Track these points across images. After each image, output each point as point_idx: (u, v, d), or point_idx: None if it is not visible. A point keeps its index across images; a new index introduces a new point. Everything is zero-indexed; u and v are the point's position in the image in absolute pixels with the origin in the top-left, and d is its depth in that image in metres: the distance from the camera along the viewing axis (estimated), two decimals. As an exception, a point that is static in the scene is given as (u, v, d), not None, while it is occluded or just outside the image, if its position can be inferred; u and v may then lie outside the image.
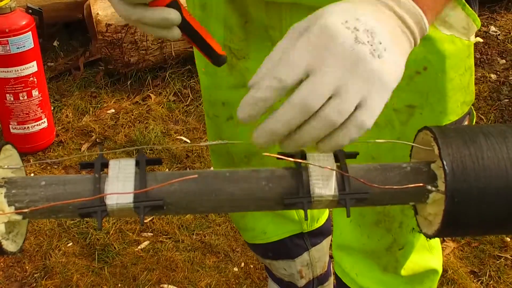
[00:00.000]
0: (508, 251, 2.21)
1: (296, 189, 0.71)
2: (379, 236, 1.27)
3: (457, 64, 1.02)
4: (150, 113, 2.82)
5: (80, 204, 0.69)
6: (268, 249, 1.59)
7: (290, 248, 1.60)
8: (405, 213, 1.20)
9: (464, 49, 1.02)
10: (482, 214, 0.70)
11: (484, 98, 2.98)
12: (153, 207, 0.70)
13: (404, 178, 0.73)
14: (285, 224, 1.53)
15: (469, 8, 0.96)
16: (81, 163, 0.74)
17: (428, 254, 1.36)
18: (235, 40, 1.11)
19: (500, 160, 0.70)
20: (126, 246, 2.18)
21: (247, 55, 1.13)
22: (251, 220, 1.50)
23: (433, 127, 0.73)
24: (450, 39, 0.99)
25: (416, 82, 1.01)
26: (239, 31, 1.10)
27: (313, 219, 1.58)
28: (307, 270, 1.67)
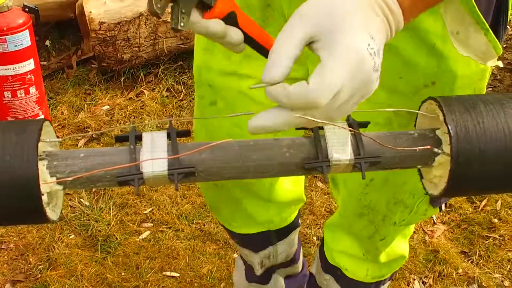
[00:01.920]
0: (496, 232, 2.30)
1: (315, 154, 0.77)
2: (362, 226, 1.34)
3: (468, 86, 1.01)
4: (145, 108, 2.88)
5: (118, 173, 0.75)
6: (233, 236, 1.64)
7: (255, 242, 1.63)
8: (389, 208, 1.25)
9: (477, 72, 1.00)
10: (483, 173, 0.77)
11: (468, 87, 3.07)
12: (186, 174, 0.76)
13: (412, 143, 0.80)
14: (251, 223, 1.55)
15: (491, 35, 0.95)
16: (116, 136, 0.80)
17: (403, 242, 1.45)
18: (252, 15, 1.08)
19: (498, 124, 0.77)
20: (127, 236, 2.23)
21: None
22: (222, 204, 1.53)
23: (437, 97, 0.80)
24: (465, 60, 0.97)
25: (423, 94, 1.00)
26: (258, 11, 1.07)
27: (281, 220, 1.59)
28: (267, 260, 1.70)
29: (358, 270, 1.50)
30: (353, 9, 0.70)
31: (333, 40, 0.68)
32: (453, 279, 2.12)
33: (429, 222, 2.34)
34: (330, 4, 0.70)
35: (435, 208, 1.26)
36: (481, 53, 0.97)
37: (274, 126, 0.71)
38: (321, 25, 0.69)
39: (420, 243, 2.25)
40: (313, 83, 0.67)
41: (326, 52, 0.69)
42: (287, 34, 0.70)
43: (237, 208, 1.49)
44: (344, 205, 1.37)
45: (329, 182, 1.46)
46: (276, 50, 0.70)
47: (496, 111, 0.78)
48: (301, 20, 0.70)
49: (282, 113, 0.71)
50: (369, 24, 0.71)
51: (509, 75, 3.12)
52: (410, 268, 2.15)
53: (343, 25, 0.69)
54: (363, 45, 0.69)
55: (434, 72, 0.99)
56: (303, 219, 2.32)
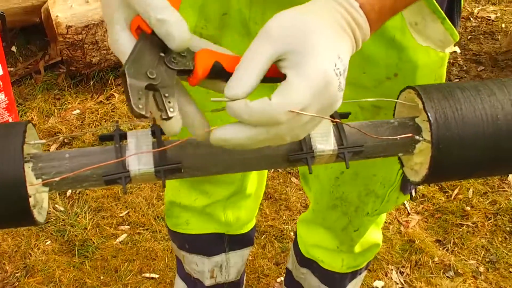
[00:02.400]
0: (469, 219, 2.34)
1: (299, 146, 0.79)
2: (335, 218, 1.36)
3: (428, 74, 1.04)
4: (115, 111, 2.86)
5: (104, 172, 0.76)
6: (186, 240, 1.61)
7: (208, 245, 1.61)
8: (361, 199, 1.28)
9: (437, 60, 1.02)
10: (463, 158, 0.79)
11: (435, 79, 3.11)
12: (172, 170, 0.77)
13: (393, 131, 0.82)
14: (209, 222, 1.55)
15: (448, 23, 0.97)
16: (100, 136, 0.80)
17: (377, 230, 1.49)
18: (209, 28, 1.09)
19: (476, 109, 0.79)
20: (104, 240, 2.22)
21: (218, 41, 1.09)
22: (178, 209, 1.52)
23: (415, 86, 0.82)
24: (425, 49, 0.99)
25: (385, 86, 1.03)
26: (216, 21, 1.07)
27: (239, 223, 1.59)
28: (219, 272, 1.68)
29: (333, 262, 1.52)
30: (322, 28, 0.69)
31: (301, 60, 0.67)
32: (430, 267, 2.16)
33: (403, 212, 2.38)
34: (299, 23, 0.69)
35: (405, 195, 1.29)
36: (440, 41, 0.99)
37: (235, 141, 0.69)
38: (289, 44, 0.68)
39: (396, 233, 2.28)
40: (276, 100, 0.66)
41: (292, 71, 0.67)
42: (254, 52, 0.68)
43: (200, 205, 1.48)
44: (316, 199, 1.39)
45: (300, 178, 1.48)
46: (242, 67, 0.68)
47: (473, 97, 0.80)
48: (269, 39, 0.68)
49: (244, 128, 0.68)
50: (337, 44, 0.70)
51: (474, 65, 3.17)
52: (387, 258, 2.18)
53: (312, 45, 0.67)
54: (330, 66, 0.67)
55: (395, 64, 1.01)
56: (279, 215, 2.34)
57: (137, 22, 0.69)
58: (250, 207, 1.59)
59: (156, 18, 0.67)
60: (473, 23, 3.60)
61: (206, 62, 0.71)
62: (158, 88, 0.66)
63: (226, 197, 1.48)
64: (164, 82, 0.67)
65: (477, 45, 3.36)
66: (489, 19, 3.65)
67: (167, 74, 0.68)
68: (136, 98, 0.64)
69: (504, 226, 2.32)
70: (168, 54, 0.69)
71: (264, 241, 2.24)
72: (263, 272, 2.13)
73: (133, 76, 0.65)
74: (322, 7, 0.72)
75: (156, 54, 0.69)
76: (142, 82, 0.65)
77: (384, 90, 1.03)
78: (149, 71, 0.66)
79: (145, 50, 0.68)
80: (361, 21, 0.73)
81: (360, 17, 0.72)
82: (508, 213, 2.37)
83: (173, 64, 0.69)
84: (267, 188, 2.45)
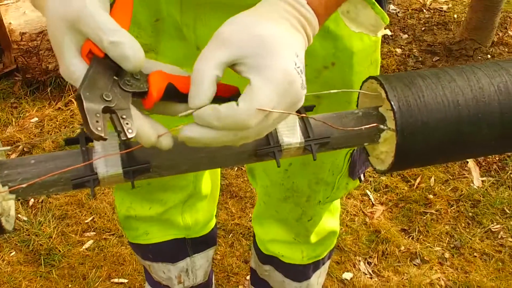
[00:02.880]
0: (432, 207, 2.38)
1: (266, 140, 0.79)
2: (288, 210, 1.38)
3: (364, 59, 1.06)
4: (75, 117, 2.83)
5: (72, 176, 0.75)
6: (148, 250, 1.59)
7: (171, 252, 1.61)
8: (312, 188, 1.29)
9: (371, 44, 1.05)
10: (427, 144, 0.81)
11: (392, 71, 3.16)
12: (141, 170, 0.76)
13: (358, 122, 0.83)
14: (168, 228, 1.54)
15: (378, 7, 0.99)
16: (65, 139, 0.79)
17: (331, 217, 1.50)
18: (143, 36, 1.07)
19: (437, 96, 0.81)
20: (70, 247, 2.19)
21: (155, 49, 1.09)
22: (135, 221, 1.50)
23: (377, 76, 0.83)
24: (358, 36, 1.02)
25: (324, 76, 1.05)
26: (149, 27, 1.06)
27: (199, 225, 1.59)
28: (186, 276, 1.68)
29: (293, 254, 1.53)
30: (275, 28, 0.69)
31: (261, 62, 0.67)
32: (397, 256, 2.19)
33: (368, 204, 2.41)
34: (251, 26, 0.69)
35: (355, 180, 1.31)
36: (371, 26, 1.02)
37: (202, 141, 0.69)
38: (245, 48, 0.67)
39: (361, 225, 2.31)
40: (243, 105, 0.66)
41: (255, 75, 0.67)
42: (208, 57, 0.68)
43: (156, 214, 1.47)
44: (267, 193, 1.39)
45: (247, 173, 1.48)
46: (198, 75, 0.68)
47: (434, 84, 0.82)
48: (223, 44, 0.68)
49: (211, 131, 0.68)
50: (293, 42, 0.70)
51: (430, 56, 3.22)
52: (354, 250, 2.21)
53: (269, 46, 0.67)
54: (291, 65, 0.68)
55: (332, 53, 1.02)
56: (245, 213, 2.34)
57: (88, 47, 0.68)
58: (208, 208, 1.59)
59: (109, 41, 0.66)
60: (426, 15, 3.65)
61: (159, 84, 0.70)
62: (115, 110, 0.66)
63: (181, 201, 1.47)
64: (120, 105, 0.67)
65: (431, 36, 3.42)
66: (441, 10, 3.71)
67: (122, 96, 0.68)
68: (94, 120, 0.64)
69: (467, 212, 2.37)
70: (122, 77, 0.69)
71: (232, 239, 2.24)
72: (232, 270, 2.13)
73: (89, 99, 0.64)
74: (271, 9, 0.72)
75: (110, 78, 0.68)
76: (99, 105, 0.65)
77: (323, 80, 1.05)
78: (104, 94, 0.66)
79: (99, 74, 0.67)
80: (310, 18, 0.74)
81: (309, 14, 0.73)
82: (469, 199, 2.42)
83: (128, 86, 0.69)
84: (231, 187, 2.45)
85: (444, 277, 2.12)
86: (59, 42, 0.69)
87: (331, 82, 1.06)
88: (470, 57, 3.15)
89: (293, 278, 1.62)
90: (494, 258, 2.19)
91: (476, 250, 2.22)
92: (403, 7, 3.77)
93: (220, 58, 0.67)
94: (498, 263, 2.18)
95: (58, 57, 0.70)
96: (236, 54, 0.67)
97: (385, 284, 2.09)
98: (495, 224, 2.32)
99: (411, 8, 3.75)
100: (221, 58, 0.67)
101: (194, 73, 0.68)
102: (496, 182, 2.51)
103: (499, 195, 2.44)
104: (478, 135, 0.82)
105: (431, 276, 2.12)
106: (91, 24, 0.66)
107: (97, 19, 0.66)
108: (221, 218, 2.31)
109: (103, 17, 0.67)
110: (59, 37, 0.68)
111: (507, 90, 0.83)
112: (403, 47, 3.34)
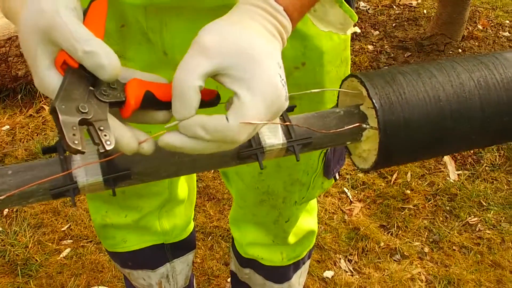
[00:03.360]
0: (410, 202, 2.39)
1: (248, 142, 0.78)
2: (265, 213, 1.37)
3: (334, 58, 1.05)
4: (47, 124, 2.79)
5: (51, 185, 0.73)
6: (127, 258, 1.57)
7: (150, 258, 1.59)
8: (288, 189, 1.28)
9: (340, 43, 1.05)
10: (410, 140, 0.80)
11: (365, 68, 3.17)
12: (122, 177, 0.75)
13: (340, 121, 0.82)
14: (146, 235, 1.51)
15: (346, 5, 0.99)
16: (43, 148, 0.77)
17: (308, 217, 1.50)
18: (110, 42, 0.98)
19: (418, 92, 0.80)
20: (47, 256, 2.16)
21: (123, 55, 1.07)
22: (111, 230, 1.48)
23: (357, 73, 0.83)
24: (328, 35, 1.01)
25: (295, 76, 1.04)
26: (114, 34, 1.03)
27: (177, 230, 1.57)
28: (167, 282, 1.66)
29: (273, 256, 1.52)
30: (257, 37, 0.68)
31: (247, 75, 0.66)
32: (377, 252, 2.19)
33: (346, 201, 2.41)
34: (232, 35, 0.67)
35: (330, 179, 1.31)
36: (340, 24, 1.01)
37: (184, 150, 0.68)
38: (229, 59, 0.66)
39: (340, 223, 2.31)
40: (234, 121, 0.65)
41: (242, 87, 0.66)
42: (191, 68, 0.66)
43: (132, 221, 1.45)
44: (242, 196, 1.38)
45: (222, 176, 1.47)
46: (180, 86, 0.66)
47: (415, 81, 0.81)
48: (205, 53, 0.66)
49: (194, 140, 0.67)
50: (274, 52, 0.69)
51: (401, 52, 3.24)
52: (335, 248, 2.21)
53: (253, 58, 0.66)
54: (278, 78, 0.67)
55: (302, 54, 1.02)
56: (224, 215, 2.33)
57: (62, 57, 0.66)
58: (185, 212, 1.57)
59: (84, 50, 0.64)
60: (396, 11, 3.67)
61: (137, 92, 0.69)
62: (92, 122, 0.64)
63: (158, 207, 1.45)
64: (97, 116, 0.65)
65: (402, 32, 3.43)
66: (411, 6, 3.74)
67: (99, 107, 0.66)
68: (71, 134, 0.62)
69: (444, 206, 2.39)
70: (98, 87, 0.67)
71: (211, 242, 2.23)
72: (213, 273, 2.12)
73: (65, 112, 0.63)
74: (249, 16, 0.71)
75: (86, 88, 0.66)
76: (75, 118, 0.63)
77: (294, 80, 1.04)
78: (80, 106, 0.64)
79: (74, 85, 0.65)
80: (286, 24, 0.73)
81: (285, 20, 0.73)
82: (446, 193, 2.44)
83: (104, 97, 0.67)
84: (209, 189, 2.44)
85: (425, 271, 2.13)
86: (33, 54, 0.67)
87: (302, 83, 1.06)
88: (441, 51, 3.18)
89: (274, 280, 1.61)
90: (473, 251, 2.21)
91: (455, 244, 2.24)
92: (373, 4, 3.78)
93: (203, 69, 0.66)
94: (477, 256, 2.19)
95: (31, 69, 0.68)
96: (219, 65, 0.66)
97: (366, 281, 2.09)
98: (472, 217, 2.34)
99: (381, 4, 3.77)
100: (204, 69, 0.66)
101: (176, 83, 0.66)
102: (472, 175, 2.53)
103: (475, 188, 2.46)
104: (460, 130, 0.82)
105: (412, 271, 2.13)
106: (64, 34, 0.64)
107: (70, 28, 0.64)
108: (199, 221, 2.29)
109: (77, 26, 0.65)
110: (32, 48, 0.67)
111: (487, 85, 0.83)
112: (375, 43, 3.35)
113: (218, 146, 0.68)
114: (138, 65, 1.10)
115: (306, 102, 1.07)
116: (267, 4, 0.72)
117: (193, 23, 0.98)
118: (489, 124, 0.84)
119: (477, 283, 2.10)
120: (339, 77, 1.10)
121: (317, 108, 1.10)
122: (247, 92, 0.66)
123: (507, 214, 2.37)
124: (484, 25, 3.52)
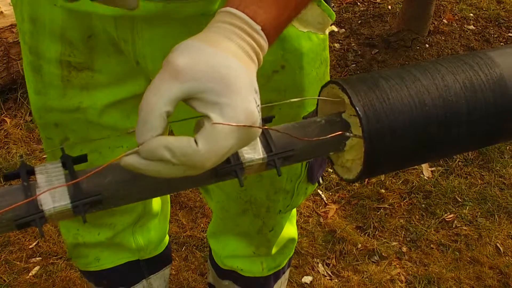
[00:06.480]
0: (385, 202, 2.37)
1: (227, 159, 0.73)
2: (248, 222, 1.32)
3: (314, 59, 1.03)
4: (9, 137, 2.70)
5: (15, 216, 0.67)
6: (102, 277, 1.51)
7: (126, 276, 1.54)
8: (271, 198, 1.24)
9: (319, 43, 1.02)
10: (396, 148, 0.77)
11: (333, 66, 3.14)
12: (92, 203, 0.69)
13: (321, 130, 0.78)
14: (120, 252, 1.47)
15: (324, 4, 0.97)
16: (4, 175, 0.71)
17: (289, 225, 1.46)
18: (76, 54, 1.02)
19: (403, 98, 0.76)
20: (16, 276, 2.08)
21: (90, 66, 1.04)
22: (84, 248, 1.42)
23: (337, 80, 0.78)
24: (306, 35, 0.99)
25: (274, 80, 1.01)
26: (81, 45, 1.00)
27: (152, 245, 1.52)
28: None
29: (253, 267, 1.48)
30: (233, 60, 0.65)
31: (221, 100, 0.62)
32: (354, 255, 2.16)
33: (320, 204, 2.37)
34: (207, 56, 0.63)
35: (314, 184, 1.27)
36: (319, 23, 0.99)
37: (148, 173, 0.64)
38: (202, 82, 0.62)
39: (316, 226, 2.27)
40: (203, 147, 0.61)
41: (215, 113, 0.62)
42: (160, 91, 0.62)
43: (106, 238, 1.39)
44: (223, 208, 1.34)
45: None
46: (147, 109, 0.62)
47: (399, 85, 0.77)
48: (176, 76, 0.62)
49: (159, 162, 0.63)
50: (250, 75, 0.66)
51: (369, 49, 3.22)
52: (312, 252, 2.17)
53: (229, 82, 0.63)
54: (253, 105, 0.64)
55: (281, 56, 0.99)
56: (197, 224, 2.28)
57: None
58: (160, 226, 1.52)
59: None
60: (361, 8, 3.65)
61: None
62: None
63: (132, 223, 1.40)
64: None
65: (368, 29, 3.41)
66: (375, 3, 3.72)
67: None
68: None
69: (420, 204, 2.37)
70: None
71: (185, 252, 2.17)
72: (189, 284, 2.06)
73: None
74: (226, 36, 0.67)
75: None
76: None
77: (274, 84, 1.01)
78: None
79: None
80: (263, 44, 0.70)
81: (262, 40, 0.69)
82: (421, 190, 2.42)
83: None
84: (180, 198, 2.38)
85: (404, 271, 2.11)
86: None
87: (282, 86, 1.03)
88: (408, 47, 3.16)
89: None
90: (451, 248, 2.19)
91: (432, 242, 2.22)
92: (337, 1, 3.76)
93: (173, 93, 0.62)
94: (455, 253, 2.18)
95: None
96: (191, 89, 0.62)
97: (345, 285, 2.06)
98: (448, 214, 2.33)
99: (345, 1, 3.74)
100: (174, 93, 0.62)
101: (143, 105, 0.62)
102: (446, 171, 2.51)
103: (450, 184, 2.44)
104: (448, 136, 0.79)
105: (391, 272, 2.10)
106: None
107: None
108: (172, 230, 2.23)
109: None
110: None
111: (473, 86, 0.80)
112: (341, 41, 3.32)
113: (184, 170, 0.63)
114: (107, 77, 1.05)
115: (286, 107, 1.03)
116: (245, 24, 0.68)
117: (167, 30, 0.94)
118: (476, 127, 0.81)
119: (456, 280, 2.08)
120: (319, 78, 1.06)
121: (297, 113, 1.08)
122: (220, 117, 0.62)
123: (483, 209, 2.36)
124: (449, 19, 3.52)
